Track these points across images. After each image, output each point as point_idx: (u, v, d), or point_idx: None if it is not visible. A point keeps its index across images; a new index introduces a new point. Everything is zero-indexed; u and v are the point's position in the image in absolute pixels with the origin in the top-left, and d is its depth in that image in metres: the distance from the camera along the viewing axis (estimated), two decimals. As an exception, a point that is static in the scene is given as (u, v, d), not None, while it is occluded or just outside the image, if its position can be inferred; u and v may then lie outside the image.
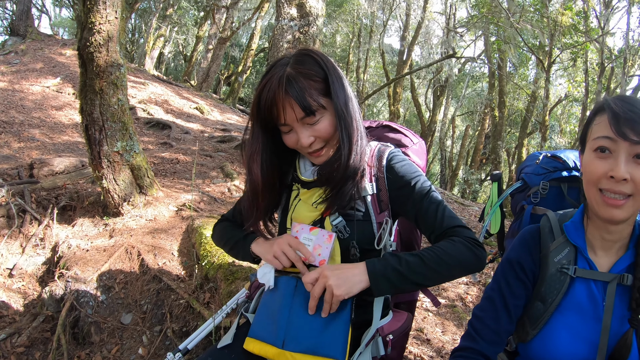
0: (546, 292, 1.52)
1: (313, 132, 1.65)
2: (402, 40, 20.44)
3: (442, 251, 1.57)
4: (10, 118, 10.28)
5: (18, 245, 4.89)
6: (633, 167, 1.34)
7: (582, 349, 1.43)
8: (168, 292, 3.62)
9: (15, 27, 17.92)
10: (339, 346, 1.53)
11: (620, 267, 1.47)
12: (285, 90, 1.58)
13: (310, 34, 6.86)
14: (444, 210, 1.68)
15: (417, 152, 2.15)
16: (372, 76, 29.12)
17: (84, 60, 4.60)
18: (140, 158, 5.17)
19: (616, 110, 1.36)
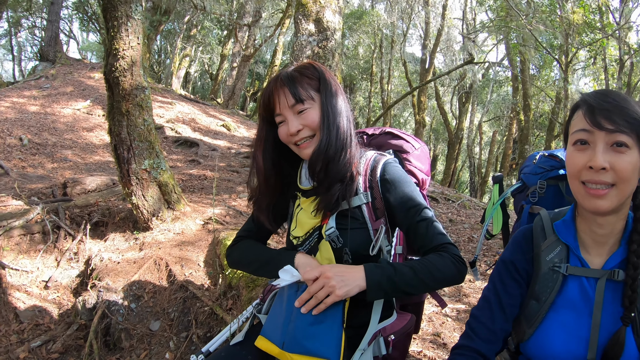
0: (540, 291, 1.54)
1: (301, 120, 1.78)
2: (424, 49, 20.49)
3: (432, 266, 1.67)
4: (43, 140, 10.71)
5: (53, 259, 5.19)
6: (611, 155, 1.35)
7: (576, 345, 1.45)
8: (194, 300, 3.82)
9: (45, 52, 18.56)
10: (332, 347, 1.61)
11: (612, 263, 1.47)
12: (280, 81, 1.80)
13: (329, 48, 6.99)
14: (435, 227, 1.77)
15: (418, 157, 2.20)
16: (396, 86, 29.11)
17: (110, 84, 4.89)
18: (167, 175, 5.41)
19: (590, 102, 1.40)
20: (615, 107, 1.36)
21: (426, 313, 3.67)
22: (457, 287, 4.36)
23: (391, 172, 1.86)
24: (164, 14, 20.82)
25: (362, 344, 1.71)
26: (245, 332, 1.94)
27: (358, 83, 29.36)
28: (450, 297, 4.19)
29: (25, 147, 10.07)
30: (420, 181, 2.19)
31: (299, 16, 6.92)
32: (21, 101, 13.53)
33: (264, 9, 20.30)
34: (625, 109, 1.35)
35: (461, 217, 7.94)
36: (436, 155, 33.66)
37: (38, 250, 5.24)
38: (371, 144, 2.24)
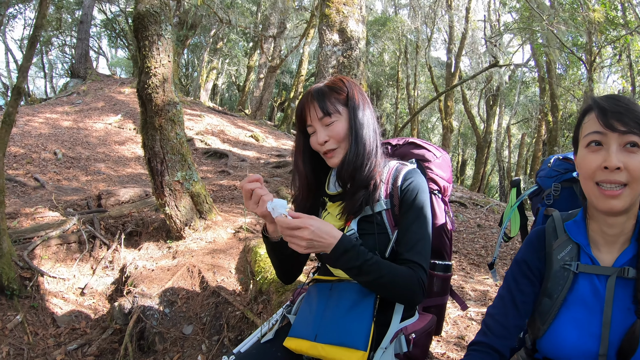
0: (552, 288, 1.57)
1: (328, 132, 1.91)
2: (449, 53, 20.41)
3: (400, 275, 1.76)
4: (77, 154, 11.08)
5: (89, 268, 5.45)
6: (625, 155, 1.38)
7: (588, 341, 1.46)
8: (225, 305, 3.97)
9: (76, 69, 19.18)
10: (362, 338, 1.73)
11: (623, 260, 1.49)
12: (311, 95, 1.94)
13: (354, 57, 7.09)
14: (422, 244, 1.86)
15: (440, 166, 2.29)
16: (423, 92, 29.00)
17: (144, 100, 5.12)
18: (199, 186, 5.60)
19: (603, 105, 1.43)
20: (627, 110, 1.40)
21: (451, 317, 3.69)
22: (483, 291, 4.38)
23: (410, 182, 1.94)
24: (190, 28, 21.29)
25: (384, 341, 1.81)
26: (276, 331, 2.06)
27: (384, 90, 29.31)
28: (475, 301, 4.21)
29: (59, 160, 10.43)
30: (442, 188, 2.28)
31: (323, 27, 7.04)
32: (54, 117, 14.00)
33: (288, 20, 20.54)
34: (635, 111, 1.40)
35: (489, 222, 7.94)
36: (465, 160, 33.36)
37: (74, 259, 5.49)
38: (395, 154, 2.34)
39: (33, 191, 8.25)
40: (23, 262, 5.00)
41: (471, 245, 6.62)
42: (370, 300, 1.83)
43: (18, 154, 10.36)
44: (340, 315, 1.82)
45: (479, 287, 4.42)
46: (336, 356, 1.73)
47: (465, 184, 28.68)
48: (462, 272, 5.38)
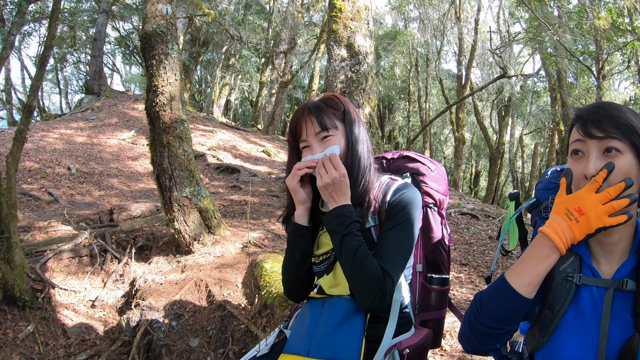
0: (553, 301, 1.54)
1: (324, 147, 1.91)
2: (459, 65, 20.50)
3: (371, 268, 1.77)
4: (90, 169, 11.27)
5: (100, 281, 5.56)
6: (603, 162, 1.39)
7: (586, 354, 1.44)
8: (231, 319, 4.03)
9: (90, 86, 19.52)
10: (352, 353, 1.76)
11: (622, 273, 1.47)
12: (308, 110, 1.94)
13: (362, 72, 7.13)
14: (396, 254, 1.85)
15: (435, 179, 2.30)
16: (434, 104, 29.05)
17: (152, 118, 5.25)
18: (208, 201, 5.69)
19: (582, 115, 1.46)
20: (605, 116, 1.41)
21: (456, 329, 3.69)
22: None
23: (399, 195, 1.94)
24: (202, 45, 21.57)
25: (376, 357, 1.82)
26: (272, 346, 2.09)
27: (396, 103, 29.39)
28: None
29: (73, 176, 10.62)
30: (437, 201, 2.29)
31: (331, 42, 7.12)
32: (69, 132, 14.26)
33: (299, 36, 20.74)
34: (616, 117, 1.40)
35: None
36: (478, 172, 33.20)
37: (86, 272, 5.60)
38: (390, 168, 2.37)
39: (47, 205, 8.41)
40: (35, 275, 5.10)
41: (481, 258, 6.61)
42: (361, 316, 1.85)
43: (33, 168, 10.56)
44: (331, 331, 1.84)
45: None
46: None
47: (479, 196, 28.55)
48: (471, 284, 5.38)
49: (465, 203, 10.01)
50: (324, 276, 2.03)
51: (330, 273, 2.00)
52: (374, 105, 7.27)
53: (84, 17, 24.97)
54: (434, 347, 2.45)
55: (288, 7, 19.52)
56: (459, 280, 5.52)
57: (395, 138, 30.04)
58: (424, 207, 2.27)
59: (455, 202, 9.79)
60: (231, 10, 19.05)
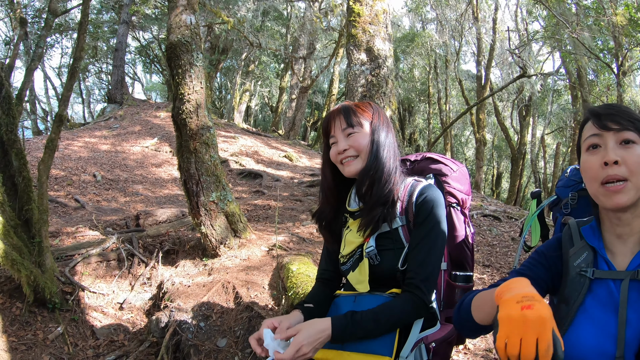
0: (569, 295, 1.58)
1: (349, 141, 2.05)
2: (478, 65, 20.40)
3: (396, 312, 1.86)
4: (115, 176, 11.49)
5: (127, 284, 5.71)
6: (622, 151, 1.46)
7: (606, 342, 1.46)
8: (258, 320, 4.11)
9: (112, 95, 19.92)
10: (387, 346, 1.86)
11: (636, 263, 1.50)
12: (338, 109, 2.11)
13: (382, 75, 7.16)
14: (428, 264, 1.94)
15: (457, 179, 2.36)
16: (455, 105, 28.88)
17: (179, 125, 5.39)
18: (234, 205, 5.81)
19: (597, 111, 1.53)
20: (619, 111, 1.49)
21: None
22: None
23: (425, 197, 2.02)
24: (222, 52, 21.81)
25: (404, 349, 1.91)
26: None
27: (416, 105, 29.31)
28: None
29: (98, 182, 10.84)
30: (460, 201, 2.34)
31: (350, 47, 7.17)
32: (93, 141, 14.55)
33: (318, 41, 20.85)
34: (628, 112, 1.50)
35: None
36: (500, 173, 32.90)
37: (114, 276, 5.76)
38: (414, 170, 2.43)
39: (74, 211, 8.62)
40: (65, 278, 5.26)
41: (504, 259, 6.61)
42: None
43: (59, 176, 10.80)
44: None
45: None
46: None
47: (502, 198, 28.33)
48: (495, 286, 5.39)
49: (487, 205, 9.99)
50: (350, 273, 2.10)
51: (356, 270, 2.07)
52: (395, 109, 7.31)
53: (104, 28, 25.42)
54: (459, 343, 2.52)
55: (306, 12, 19.65)
56: (482, 282, 5.55)
57: (416, 140, 30.00)
58: (447, 207, 2.32)
59: (477, 204, 9.78)
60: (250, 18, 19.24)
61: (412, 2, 26.44)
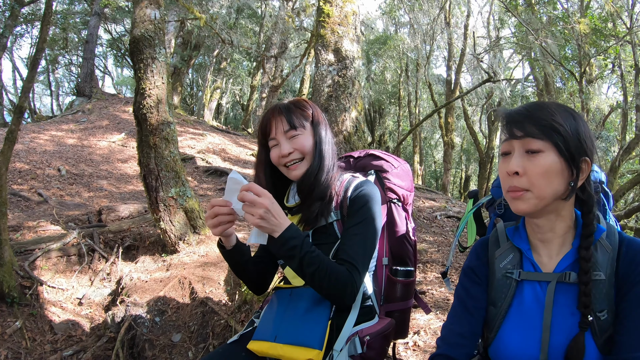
0: (495, 297, 1.60)
1: (293, 144, 2.02)
2: (448, 70, 20.66)
3: (336, 272, 1.84)
4: (80, 171, 11.34)
5: (87, 279, 5.68)
6: (525, 160, 1.43)
7: (530, 347, 1.48)
8: (212, 315, 4.15)
9: (81, 88, 19.51)
10: (317, 338, 1.86)
11: (564, 265, 1.51)
12: (278, 110, 2.06)
13: (349, 76, 7.21)
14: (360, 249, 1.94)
15: (398, 175, 2.42)
16: (424, 109, 29.15)
17: (139, 120, 5.38)
18: (193, 202, 5.81)
19: (506, 117, 1.50)
20: (527, 117, 1.44)
21: (432, 327, 3.76)
22: None
23: (359, 191, 2.04)
24: (194, 48, 21.67)
25: (337, 342, 1.94)
26: (244, 335, 2.19)
27: (386, 107, 29.46)
28: None
29: (63, 177, 10.68)
30: (401, 197, 2.41)
31: (319, 47, 7.20)
32: (59, 134, 14.31)
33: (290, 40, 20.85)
34: (538, 117, 1.43)
35: (484, 236, 8.06)
36: (468, 176, 33.33)
37: (74, 271, 5.72)
38: (357, 166, 2.49)
39: (36, 206, 8.49)
40: (24, 272, 5.21)
41: (464, 259, 6.74)
42: (327, 305, 1.95)
43: (23, 169, 10.61)
44: (298, 317, 1.94)
45: None
46: (293, 355, 1.84)
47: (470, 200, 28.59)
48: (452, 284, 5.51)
49: (451, 206, 10.13)
50: (287, 267, 2.13)
51: None
52: (361, 109, 7.38)
53: (76, 19, 24.98)
54: (400, 337, 2.54)
55: (280, 11, 19.64)
56: (438, 280, 5.65)
57: (386, 142, 30.14)
58: (388, 202, 2.39)
59: (442, 205, 9.93)
60: (223, 14, 19.16)
61: (386, 5, 26.59)
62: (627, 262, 1.45)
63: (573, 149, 1.43)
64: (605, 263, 1.46)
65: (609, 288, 1.44)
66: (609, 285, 1.44)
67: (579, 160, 1.45)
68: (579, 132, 1.45)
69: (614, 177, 11.91)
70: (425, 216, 8.66)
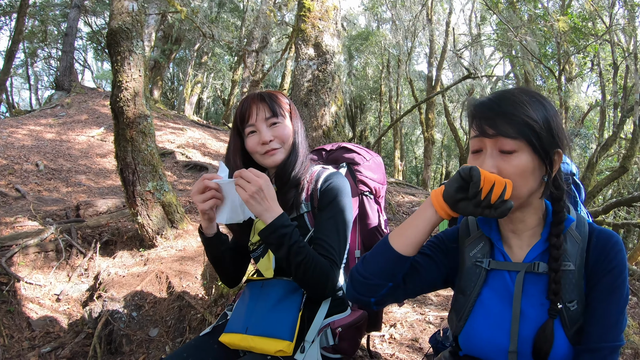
0: (465, 285, 1.59)
1: (273, 132, 2.03)
2: (430, 66, 20.75)
3: (319, 263, 1.86)
4: (58, 165, 11.20)
5: (65, 275, 5.61)
6: (498, 160, 1.39)
7: (499, 337, 1.48)
8: (189, 309, 4.15)
9: (60, 82, 19.18)
10: (287, 329, 1.88)
11: (533, 255, 1.50)
12: (260, 97, 2.06)
13: (329, 71, 7.21)
14: (337, 244, 1.96)
15: (370, 168, 2.43)
16: (405, 105, 29.28)
17: (116, 113, 5.34)
18: (170, 195, 5.79)
19: (476, 114, 1.45)
20: (499, 114, 1.40)
21: (408, 320, 3.78)
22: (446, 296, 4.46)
23: (329, 183, 2.06)
24: (175, 42, 21.48)
25: (309, 334, 1.95)
26: (215, 326, 2.21)
27: (368, 103, 29.58)
28: (437, 306, 4.28)
29: (41, 172, 10.54)
30: (373, 189, 2.42)
31: (299, 41, 7.19)
32: (38, 129, 14.11)
33: (272, 35, 20.76)
34: (511, 114, 1.39)
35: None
36: (449, 172, 33.63)
37: (51, 267, 5.65)
38: (329, 159, 2.51)
39: (14, 201, 8.37)
40: (1, 268, 5.14)
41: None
42: (298, 296, 1.97)
43: (0, 164, 10.47)
44: (268, 309, 1.96)
45: (443, 292, 4.51)
46: (264, 346, 1.86)
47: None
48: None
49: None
50: (260, 260, 2.13)
51: (265, 256, 2.10)
52: (341, 104, 7.38)
53: (55, 12, 24.60)
54: (374, 329, 2.59)
55: (261, 5, 19.53)
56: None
57: (367, 138, 30.24)
58: (360, 195, 2.41)
59: (421, 200, 10.00)
60: (204, 8, 19.03)
61: (368, 1, 26.64)
62: (596, 253, 1.46)
63: (546, 144, 1.41)
64: (574, 253, 1.46)
65: (578, 279, 1.45)
66: (579, 275, 1.45)
67: (552, 153, 1.44)
68: (551, 126, 1.43)
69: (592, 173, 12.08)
70: (405, 211, 8.71)
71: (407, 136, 34.19)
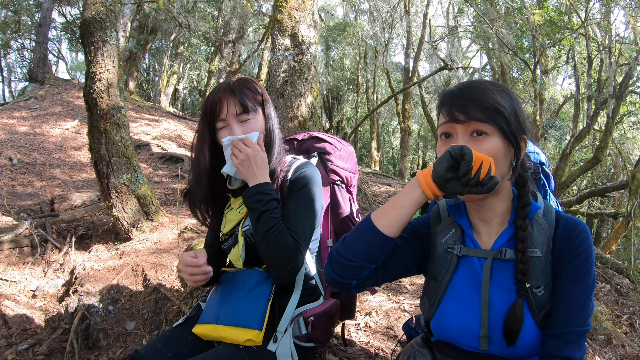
0: (437, 271, 1.61)
1: (244, 128, 2.00)
2: (407, 57, 20.80)
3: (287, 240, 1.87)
4: (32, 159, 11.03)
5: (40, 271, 5.55)
6: (471, 144, 1.43)
7: (471, 322, 1.51)
8: (165, 301, 4.13)
9: (34, 73, 18.83)
10: (257, 319, 1.90)
11: (500, 242, 1.54)
12: (231, 91, 2.01)
13: (305, 62, 7.19)
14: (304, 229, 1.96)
15: (341, 157, 2.45)
16: (382, 95, 29.30)
17: (89, 104, 5.28)
18: (145, 188, 5.75)
19: (447, 101, 1.49)
20: (470, 101, 1.45)
21: (383, 308, 3.82)
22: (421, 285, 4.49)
23: (299, 173, 2.07)
24: (150, 32, 21.20)
25: (281, 323, 1.98)
26: (189, 317, 2.22)
27: (345, 94, 29.57)
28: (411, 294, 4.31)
29: (14, 166, 10.38)
30: (344, 178, 2.45)
31: (275, 32, 7.15)
32: (11, 122, 13.86)
33: (248, 25, 20.63)
34: (481, 100, 1.44)
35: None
36: (425, 162, 33.89)
37: (26, 263, 5.58)
38: (300, 149, 2.52)
39: (-14, 197, 8.24)
40: (-26, 266, 5.07)
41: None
42: (268, 285, 1.99)
43: (-27, 159, 10.30)
44: (239, 299, 1.98)
45: (418, 280, 4.56)
46: (234, 336, 1.88)
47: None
48: (404, 267, 5.60)
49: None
50: (231, 250, 2.13)
51: (235, 246, 2.10)
52: (317, 95, 7.37)
53: (29, 1, 24.04)
54: (347, 318, 2.62)
55: (239, -5, 19.39)
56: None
57: (344, 128, 30.27)
58: (331, 184, 2.43)
59: (397, 190, 10.07)
60: (180, -2, 18.82)
61: (346, -9, 26.62)
62: (563, 240, 1.49)
63: (515, 129, 1.47)
64: (541, 240, 1.50)
65: (545, 265, 1.48)
66: (546, 262, 1.49)
67: (520, 139, 1.50)
68: (517, 112, 1.49)
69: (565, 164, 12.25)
70: (381, 201, 8.77)
71: (384, 127, 34.32)
